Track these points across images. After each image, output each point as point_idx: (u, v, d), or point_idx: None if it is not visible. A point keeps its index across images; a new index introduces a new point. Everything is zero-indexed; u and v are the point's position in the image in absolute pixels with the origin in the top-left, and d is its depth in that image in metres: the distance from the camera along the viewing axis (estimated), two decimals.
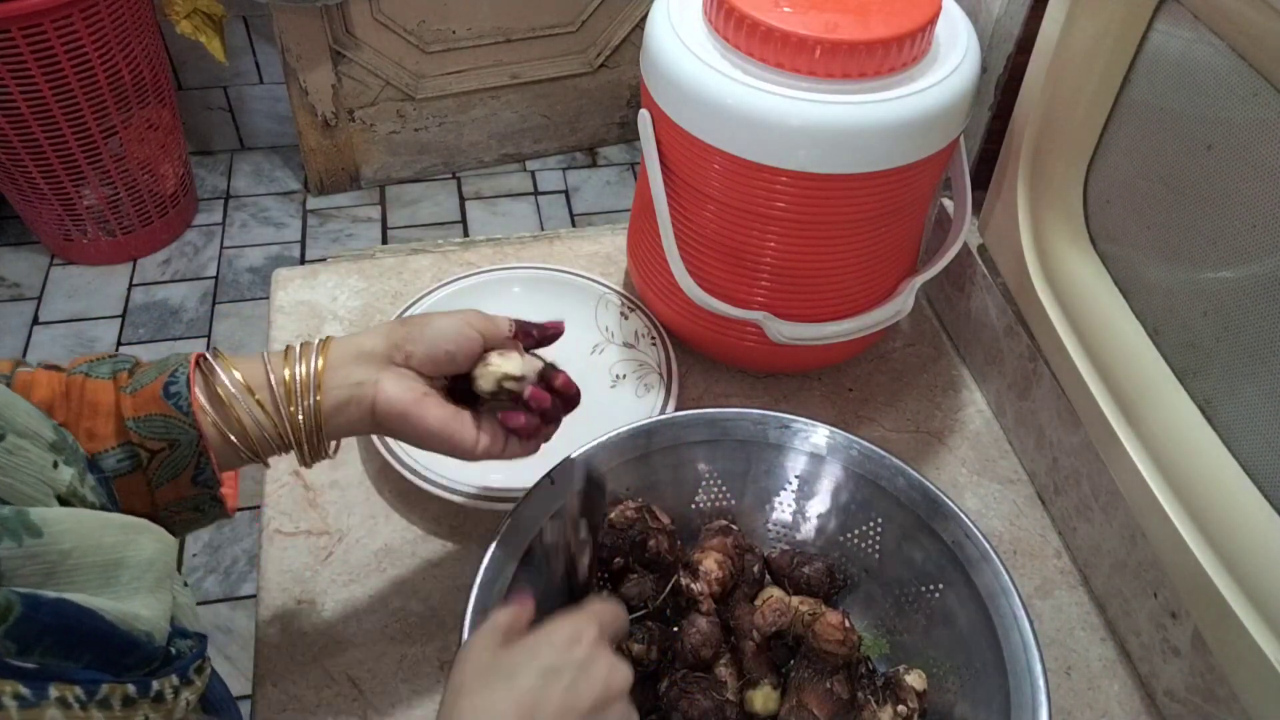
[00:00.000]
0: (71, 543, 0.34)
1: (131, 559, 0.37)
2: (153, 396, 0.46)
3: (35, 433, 0.38)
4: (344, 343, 0.52)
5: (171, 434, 0.46)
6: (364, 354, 0.51)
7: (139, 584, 0.37)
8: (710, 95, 0.62)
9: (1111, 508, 0.65)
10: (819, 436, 0.63)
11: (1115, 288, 0.66)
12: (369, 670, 0.62)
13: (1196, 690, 0.58)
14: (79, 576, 0.34)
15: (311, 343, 0.51)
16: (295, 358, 0.50)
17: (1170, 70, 0.58)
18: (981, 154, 0.80)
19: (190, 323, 1.98)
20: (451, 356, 0.52)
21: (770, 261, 0.70)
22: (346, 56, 2.03)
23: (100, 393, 0.46)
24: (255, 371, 0.49)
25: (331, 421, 0.50)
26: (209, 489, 0.49)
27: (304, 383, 0.50)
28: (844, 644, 0.53)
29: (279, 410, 0.49)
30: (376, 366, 0.51)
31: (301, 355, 0.50)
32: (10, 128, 1.76)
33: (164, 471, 0.47)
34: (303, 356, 0.50)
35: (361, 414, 0.51)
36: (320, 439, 0.51)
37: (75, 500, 0.39)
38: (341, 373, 0.51)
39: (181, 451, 0.47)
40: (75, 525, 0.35)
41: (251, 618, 0.65)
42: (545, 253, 0.90)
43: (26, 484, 0.35)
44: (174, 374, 0.47)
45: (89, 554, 0.35)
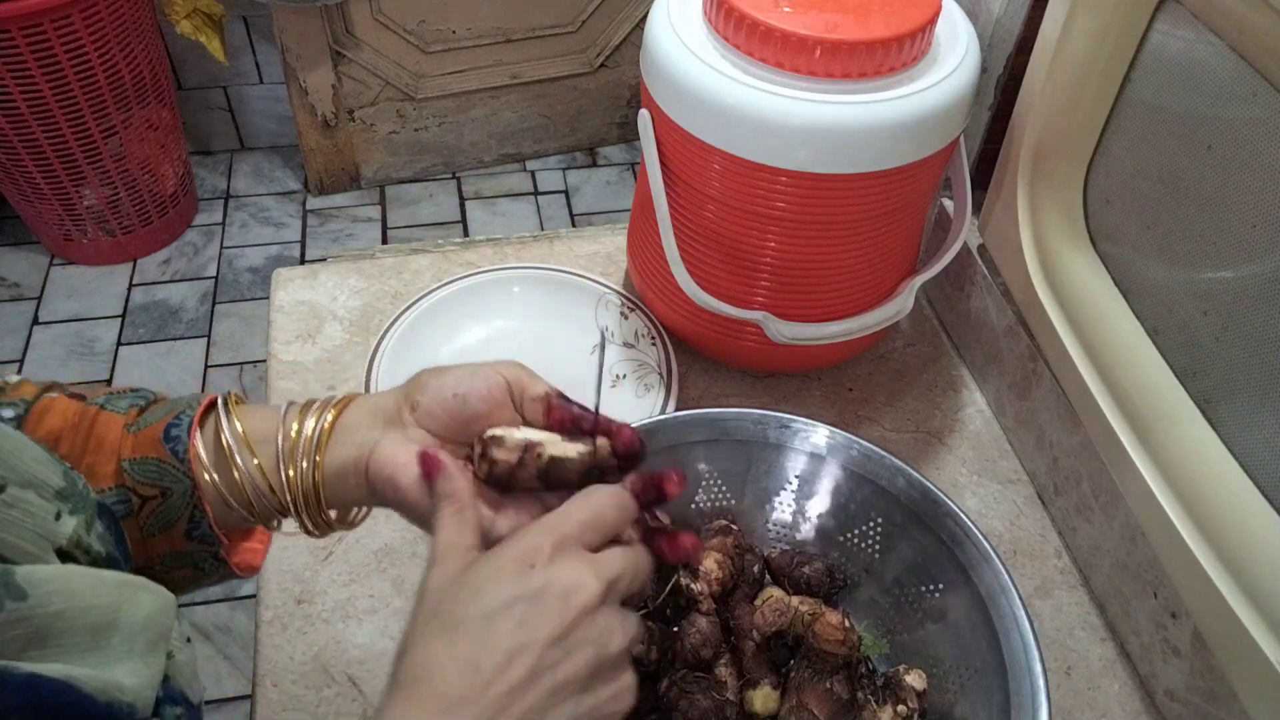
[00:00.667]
0: (61, 604, 0.32)
1: (125, 621, 0.34)
2: (153, 439, 0.43)
3: (42, 480, 0.35)
4: (364, 400, 0.46)
5: (164, 481, 0.42)
6: (377, 412, 0.44)
7: (130, 647, 0.34)
8: (710, 95, 0.62)
9: (1111, 508, 0.65)
10: (819, 436, 0.63)
11: (1115, 288, 0.66)
12: (369, 670, 0.62)
13: (1196, 690, 0.58)
14: (67, 640, 0.32)
15: (334, 397, 0.46)
16: (312, 412, 0.44)
17: (1170, 70, 0.58)
18: (981, 154, 0.80)
19: (190, 323, 1.98)
20: (462, 400, 0.43)
21: (770, 261, 0.70)
22: (346, 56, 2.03)
23: (109, 428, 0.43)
24: (265, 424, 0.44)
25: (333, 487, 0.44)
26: (207, 545, 0.44)
27: (308, 440, 0.43)
28: (844, 644, 0.53)
29: (278, 470, 0.43)
30: (383, 426, 0.44)
31: (318, 410, 0.44)
32: (10, 128, 1.76)
33: (155, 521, 0.43)
34: (318, 411, 0.44)
35: (359, 481, 0.44)
36: (320, 506, 0.44)
37: (78, 552, 0.36)
38: (348, 433, 0.44)
39: (173, 501, 0.43)
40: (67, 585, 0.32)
41: (251, 618, 0.65)
42: (545, 253, 0.90)
43: (24, 539, 0.33)
44: (179, 416, 0.43)
45: (80, 615, 0.32)
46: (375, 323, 0.84)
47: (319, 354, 0.81)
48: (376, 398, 0.46)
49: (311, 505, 0.44)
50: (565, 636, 0.37)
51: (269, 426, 0.44)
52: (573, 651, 0.37)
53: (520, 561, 0.38)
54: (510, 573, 0.37)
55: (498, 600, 0.37)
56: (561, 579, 0.37)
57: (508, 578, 0.37)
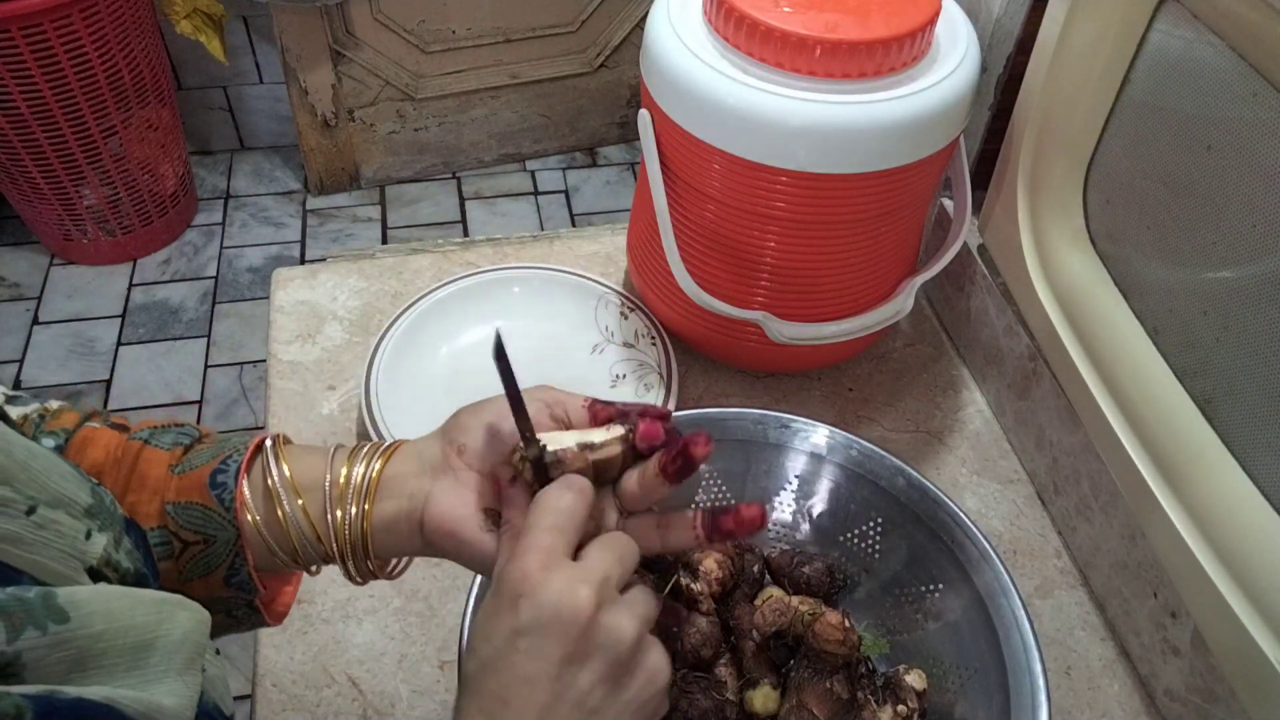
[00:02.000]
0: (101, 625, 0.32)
1: (163, 639, 0.34)
2: (198, 483, 0.42)
3: (71, 499, 0.35)
4: (409, 447, 0.45)
5: (208, 528, 0.42)
6: (423, 461, 0.44)
7: (168, 666, 0.34)
8: (710, 95, 0.62)
9: (1111, 508, 0.65)
10: (819, 436, 0.63)
11: (1115, 288, 0.66)
12: (369, 670, 0.62)
13: (1196, 690, 0.58)
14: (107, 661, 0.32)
15: (381, 443, 0.45)
16: (360, 457, 0.44)
17: (1170, 70, 0.58)
18: (981, 154, 0.80)
19: (190, 323, 1.98)
20: (511, 434, 0.43)
21: (770, 261, 0.70)
22: (346, 56, 2.03)
23: (152, 465, 0.43)
24: (312, 468, 0.44)
25: (380, 538, 0.44)
26: (244, 594, 0.44)
27: (357, 487, 0.43)
28: (844, 644, 0.53)
29: (325, 517, 0.43)
30: (432, 474, 0.43)
31: (365, 455, 0.44)
32: (10, 128, 1.76)
33: (195, 567, 0.43)
34: (366, 457, 0.44)
35: (411, 531, 0.43)
36: (368, 554, 0.44)
37: (108, 570, 0.36)
38: (397, 482, 0.43)
39: (217, 549, 0.42)
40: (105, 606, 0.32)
41: None
42: (545, 253, 0.90)
43: (55, 560, 0.33)
44: (226, 460, 0.43)
45: (120, 636, 0.32)
46: (375, 322, 0.84)
47: (319, 354, 0.81)
48: (420, 445, 0.45)
49: (359, 553, 0.44)
50: (575, 651, 0.37)
51: (316, 471, 0.43)
52: (587, 661, 0.37)
53: (512, 596, 0.38)
54: (506, 610, 0.38)
55: (502, 638, 0.37)
56: (551, 602, 0.37)
57: (506, 615, 0.38)
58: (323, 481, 0.43)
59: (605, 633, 0.38)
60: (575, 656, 0.37)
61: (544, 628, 0.37)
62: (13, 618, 0.29)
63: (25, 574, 0.32)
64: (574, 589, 0.37)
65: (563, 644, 0.37)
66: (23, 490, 0.33)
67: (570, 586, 0.37)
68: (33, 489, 0.34)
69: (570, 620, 0.37)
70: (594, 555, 0.40)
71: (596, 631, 0.37)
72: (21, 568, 0.32)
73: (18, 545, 0.32)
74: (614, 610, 0.39)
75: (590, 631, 0.37)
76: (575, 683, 0.37)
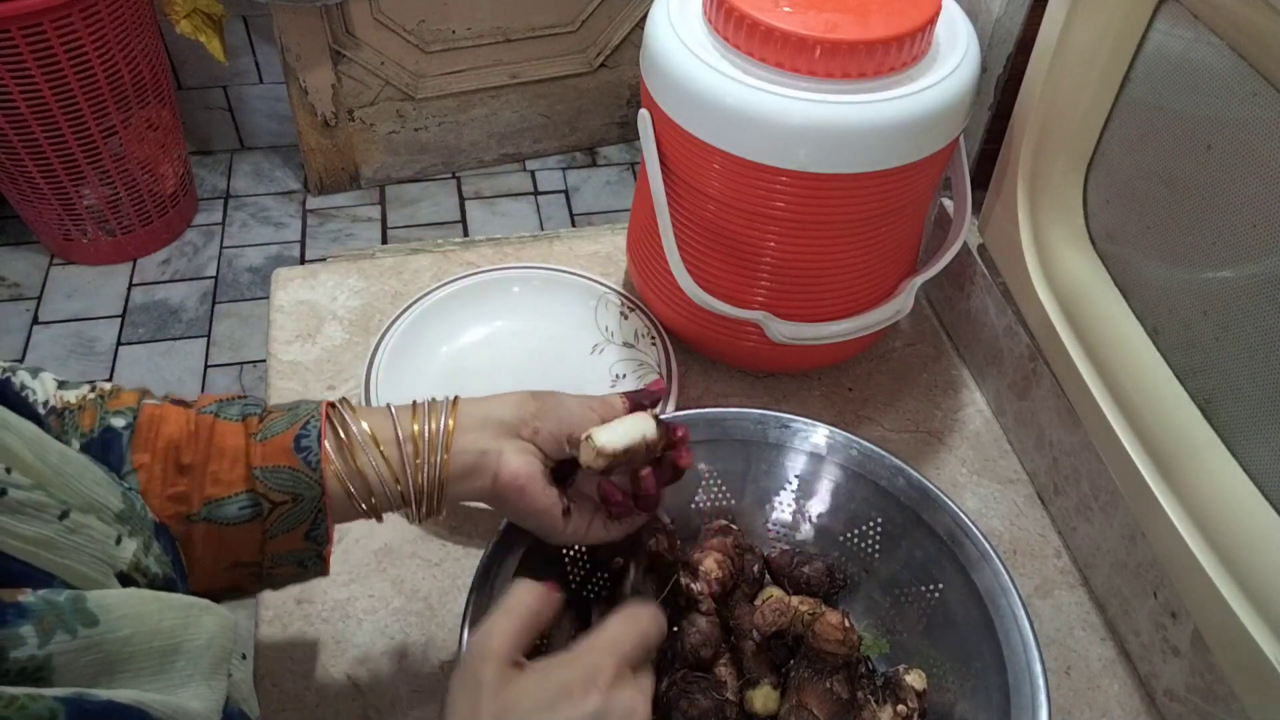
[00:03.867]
0: (130, 629, 0.33)
1: (189, 644, 0.35)
2: (283, 448, 0.46)
3: (103, 504, 0.37)
4: (473, 406, 0.51)
5: (298, 488, 0.46)
6: (491, 422, 0.50)
7: (194, 669, 0.35)
8: (710, 95, 0.62)
9: (1111, 508, 0.65)
10: (819, 436, 0.63)
11: (1115, 288, 0.66)
12: (369, 670, 0.62)
13: (1196, 690, 0.58)
14: (134, 665, 0.33)
15: (439, 401, 0.51)
16: (424, 414, 0.50)
17: (1170, 70, 0.58)
18: (981, 154, 0.80)
19: (190, 323, 1.98)
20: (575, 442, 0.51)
21: (770, 261, 0.70)
22: (346, 56, 2.03)
23: (229, 436, 0.46)
24: (383, 425, 0.49)
25: (453, 486, 0.50)
26: (317, 545, 0.48)
27: (432, 440, 0.49)
28: (844, 644, 0.53)
29: (404, 466, 0.48)
30: (502, 436, 0.50)
31: (430, 412, 0.50)
32: (10, 128, 1.76)
33: (282, 524, 0.46)
34: (431, 414, 0.50)
35: (484, 483, 0.50)
36: (439, 499, 0.50)
37: (137, 574, 0.37)
38: (470, 436, 0.50)
39: (304, 506, 0.46)
40: (134, 610, 0.33)
41: (251, 618, 0.65)
42: (545, 252, 0.90)
43: (86, 564, 0.34)
44: (306, 425, 0.47)
45: (147, 640, 0.33)
46: (375, 322, 0.84)
47: (319, 354, 0.81)
48: (486, 406, 0.51)
49: (432, 496, 0.50)
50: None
51: (386, 427, 0.49)
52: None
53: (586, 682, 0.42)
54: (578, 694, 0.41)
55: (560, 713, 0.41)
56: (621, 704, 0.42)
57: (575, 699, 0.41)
58: (395, 436, 0.49)
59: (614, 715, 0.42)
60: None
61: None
62: (43, 621, 0.30)
63: (56, 578, 0.33)
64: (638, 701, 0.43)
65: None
66: (56, 495, 0.34)
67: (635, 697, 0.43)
68: (66, 494, 0.34)
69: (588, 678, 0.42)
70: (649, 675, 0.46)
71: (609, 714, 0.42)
72: (53, 571, 0.33)
73: (50, 549, 0.33)
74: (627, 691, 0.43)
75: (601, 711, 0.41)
76: None
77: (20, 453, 0.33)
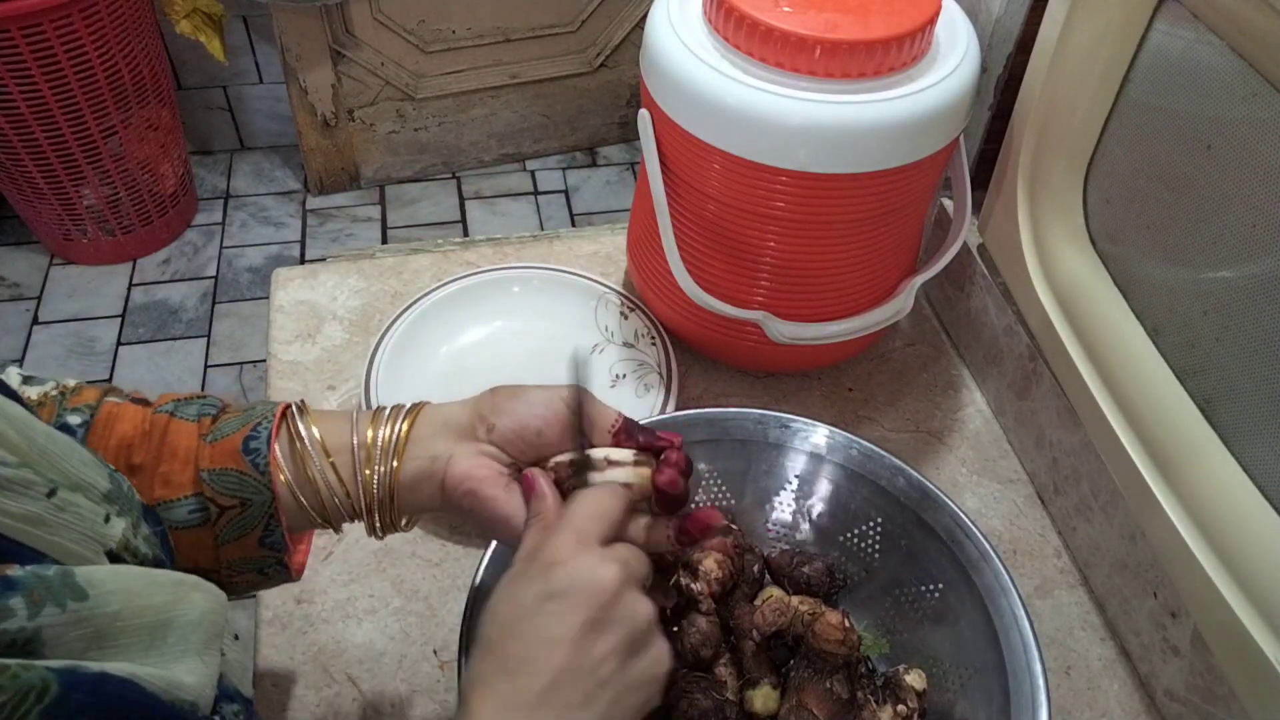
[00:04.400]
0: (119, 604, 0.33)
1: (180, 619, 0.35)
2: (232, 450, 0.44)
3: (90, 484, 0.36)
4: (433, 411, 0.48)
5: (245, 492, 0.44)
6: (448, 425, 0.47)
7: (186, 645, 0.35)
8: (710, 95, 0.62)
9: (1111, 508, 0.65)
10: (819, 436, 0.63)
11: (1115, 287, 0.66)
12: (369, 670, 0.62)
13: (1196, 690, 0.58)
14: (125, 639, 0.33)
15: (402, 406, 0.48)
16: (383, 420, 0.47)
17: (1170, 70, 0.58)
18: (981, 154, 0.80)
19: (190, 323, 1.98)
20: (541, 434, 0.47)
21: (770, 261, 0.70)
22: (346, 56, 2.03)
23: (182, 436, 0.44)
24: (339, 431, 0.47)
25: (405, 496, 0.47)
26: (275, 553, 0.46)
27: (384, 448, 0.46)
28: (844, 644, 0.53)
29: (354, 476, 0.46)
30: (455, 439, 0.47)
31: (389, 419, 0.47)
32: (10, 128, 1.76)
33: (232, 529, 0.45)
34: (390, 420, 0.47)
35: (433, 491, 0.47)
36: (393, 511, 0.47)
37: (127, 554, 0.37)
38: (424, 444, 0.47)
39: (252, 512, 0.45)
40: (123, 585, 0.33)
41: (251, 618, 0.65)
42: (545, 252, 0.90)
43: (75, 541, 0.34)
44: (257, 427, 0.45)
45: (137, 615, 0.33)
46: (375, 322, 0.84)
47: (319, 354, 0.81)
48: (445, 410, 0.48)
49: (385, 508, 0.47)
50: (598, 619, 0.40)
51: (342, 433, 0.47)
52: (606, 631, 0.40)
53: (546, 563, 0.41)
54: (539, 574, 0.41)
55: (531, 599, 0.40)
56: (584, 572, 0.40)
57: (538, 579, 0.40)
58: (350, 443, 0.46)
59: (626, 607, 0.41)
60: (596, 625, 0.39)
61: (573, 593, 0.40)
62: (33, 594, 0.30)
63: (46, 555, 0.33)
64: (605, 564, 0.41)
65: (588, 610, 0.39)
66: (43, 473, 0.34)
67: (601, 561, 0.41)
68: (53, 473, 0.35)
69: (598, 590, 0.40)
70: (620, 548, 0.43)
71: (618, 605, 0.40)
72: (42, 549, 0.33)
73: (39, 526, 0.33)
74: (634, 592, 0.42)
75: (613, 604, 0.40)
76: (592, 650, 0.39)
77: (6, 432, 0.33)
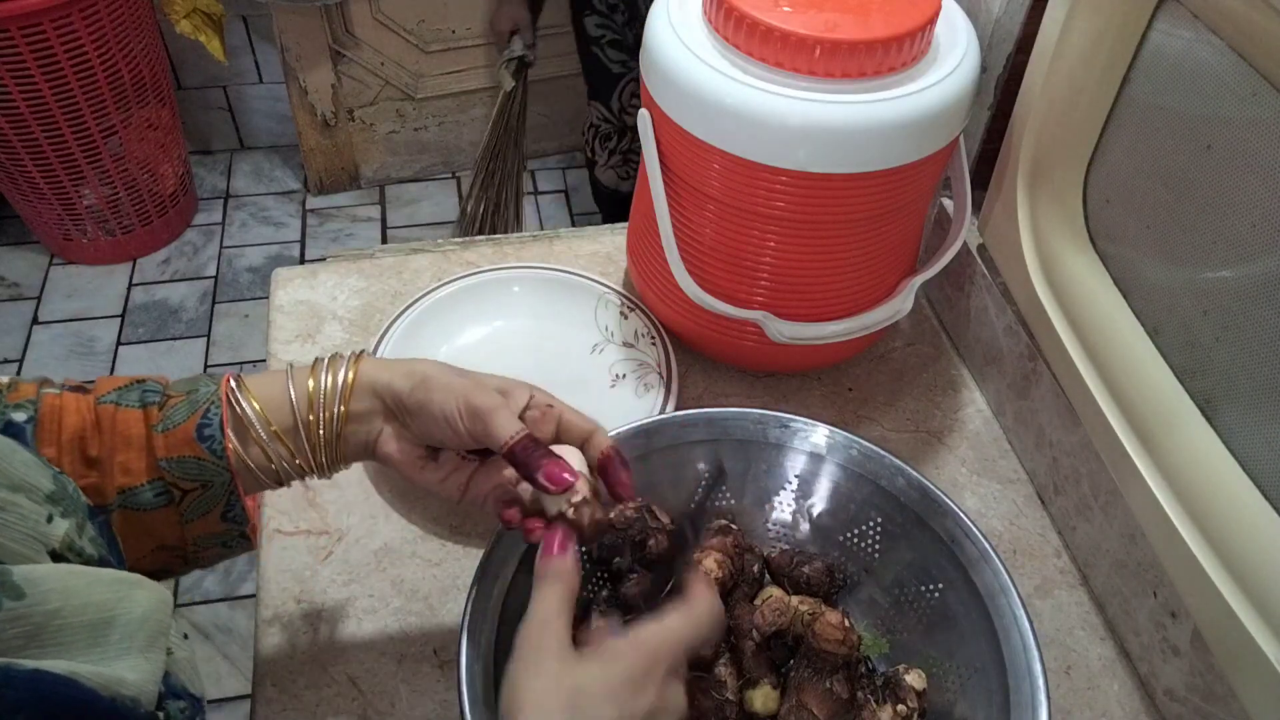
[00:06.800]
0: (58, 602, 0.33)
1: (123, 617, 0.35)
2: (186, 438, 0.46)
3: (33, 485, 0.37)
4: (370, 371, 0.50)
5: (205, 476, 0.46)
6: (382, 387, 0.49)
7: (129, 643, 0.35)
8: (710, 95, 0.62)
9: (1111, 507, 0.65)
10: (818, 436, 0.63)
11: (1115, 287, 0.66)
12: (369, 670, 0.62)
13: (1196, 690, 0.58)
14: (65, 637, 0.33)
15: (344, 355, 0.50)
16: (323, 369, 0.49)
17: (1170, 70, 0.58)
18: (981, 154, 0.80)
19: (190, 322, 1.98)
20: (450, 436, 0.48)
21: (770, 261, 0.70)
22: (346, 56, 2.03)
23: (131, 425, 0.45)
24: (276, 391, 0.48)
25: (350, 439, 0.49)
26: (238, 525, 0.49)
27: (329, 394, 0.48)
28: (844, 644, 0.53)
29: (298, 430, 0.48)
30: (383, 416, 0.50)
31: (329, 367, 0.49)
32: (10, 128, 1.76)
33: (196, 508, 0.47)
34: (330, 368, 0.49)
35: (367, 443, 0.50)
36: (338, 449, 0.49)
37: (71, 554, 0.37)
38: (364, 396, 0.49)
39: (214, 491, 0.47)
40: (62, 583, 0.33)
41: (251, 618, 0.65)
42: (545, 252, 0.90)
43: (16, 541, 0.34)
44: (207, 413, 0.47)
45: (77, 613, 0.34)
46: (375, 322, 0.84)
47: (319, 353, 0.81)
48: (388, 366, 0.50)
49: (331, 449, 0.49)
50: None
51: (279, 393, 0.48)
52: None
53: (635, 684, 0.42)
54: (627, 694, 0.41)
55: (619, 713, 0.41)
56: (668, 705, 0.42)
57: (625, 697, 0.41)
58: (289, 399, 0.48)
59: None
60: None
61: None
62: None
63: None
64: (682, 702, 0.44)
65: None
66: None
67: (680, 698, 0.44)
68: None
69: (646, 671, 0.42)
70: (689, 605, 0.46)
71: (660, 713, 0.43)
72: None
73: None
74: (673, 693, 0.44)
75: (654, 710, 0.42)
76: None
77: None
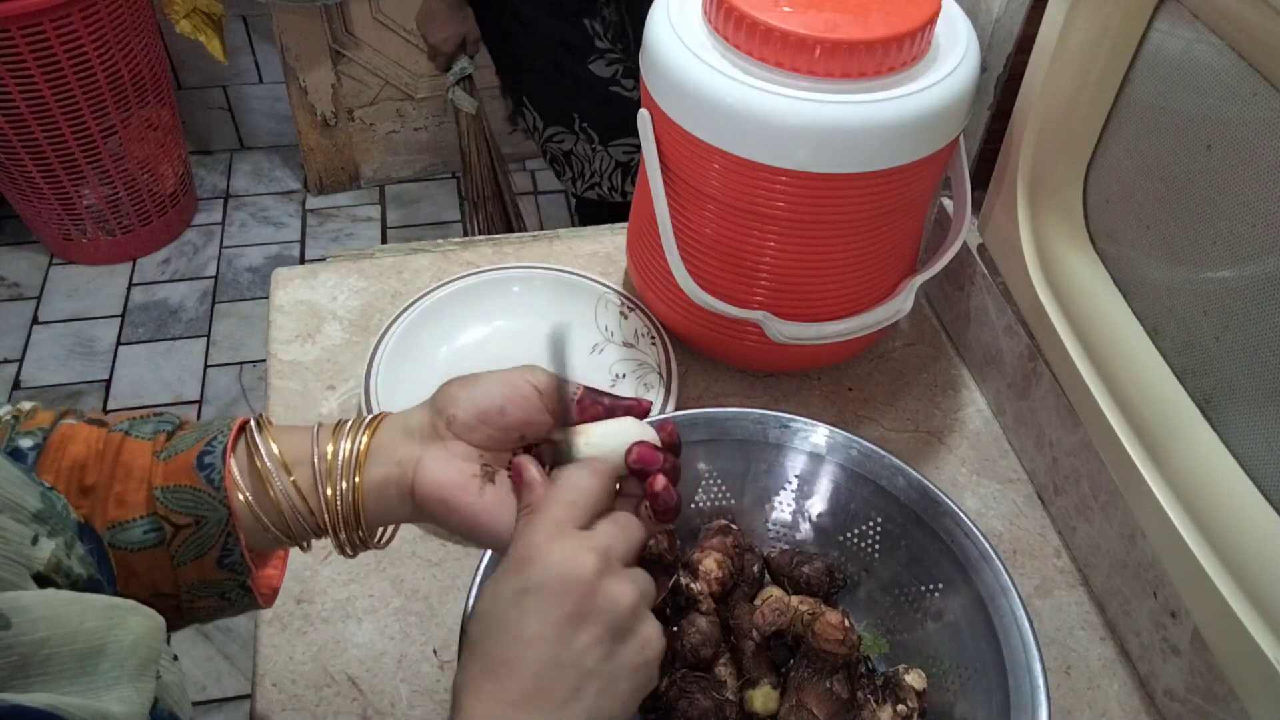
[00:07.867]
0: (46, 631, 0.31)
1: (114, 646, 0.33)
2: (185, 466, 0.43)
3: (17, 503, 0.35)
4: (393, 420, 0.46)
5: (199, 509, 0.42)
6: (410, 430, 0.45)
7: (119, 672, 0.33)
8: (710, 95, 0.62)
9: (1111, 507, 0.65)
10: (818, 436, 0.63)
11: (1115, 287, 0.66)
12: (369, 670, 0.62)
13: (1196, 690, 0.58)
14: (53, 667, 0.31)
15: (364, 418, 0.46)
16: (344, 434, 0.45)
17: (1170, 70, 0.58)
18: (981, 154, 0.80)
19: (190, 322, 1.98)
20: (504, 412, 0.45)
21: (770, 261, 0.70)
22: (346, 56, 2.03)
23: (136, 455, 0.43)
24: (300, 445, 0.44)
25: (371, 507, 0.45)
26: (236, 575, 0.44)
27: (346, 461, 0.44)
28: (844, 644, 0.53)
29: (316, 492, 0.44)
30: (420, 441, 0.45)
31: (350, 432, 0.45)
32: (10, 128, 1.76)
33: (188, 550, 0.43)
34: (350, 433, 0.45)
35: (402, 497, 0.45)
36: (360, 525, 0.45)
37: (58, 576, 0.35)
38: (387, 451, 0.45)
39: (208, 530, 0.43)
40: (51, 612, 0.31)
41: (251, 618, 0.65)
42: (545, 252, 0.90)
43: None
44: (211, 442, 0.43)
45: (66, 642, 0.31)
46: (375, 322, 0.84)
47: (319, 353, 0.81)
48: (405, 416, 0.46)
49: (350, 525, 0.45)
50: (576, 611, 0.39)
51: (303, 447, 0.44)
52: (586, 622, 0.39)
53: (521, 557, 0.40)
54: (515, 569, 0.40)
55: (509, 596, 0.39)
56: (557, 564, 0.39)
57: (512, 576, 0.40)
58: (310, 458, 0.44)
59: (605, 597, 0.40)
60: (575, 618, 0.39)
61: (547, 588, 0.39)
62: None
63: None
64: (579, 554, 0.40)
65: (564, 605, 0.39)
66: None
67: (575, 552, 0.40)
68: None
69: (573, 582, 0.39)
70: (600, 528, 0.42)
71: (597, 595, 0.39)
72: None
73: None
74: (614, 578, 0.41)
75: (591, 595, 0.39)
76: (573, 642, 0.39)
77: None
